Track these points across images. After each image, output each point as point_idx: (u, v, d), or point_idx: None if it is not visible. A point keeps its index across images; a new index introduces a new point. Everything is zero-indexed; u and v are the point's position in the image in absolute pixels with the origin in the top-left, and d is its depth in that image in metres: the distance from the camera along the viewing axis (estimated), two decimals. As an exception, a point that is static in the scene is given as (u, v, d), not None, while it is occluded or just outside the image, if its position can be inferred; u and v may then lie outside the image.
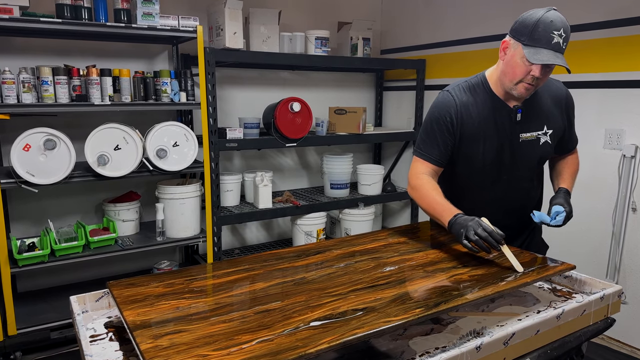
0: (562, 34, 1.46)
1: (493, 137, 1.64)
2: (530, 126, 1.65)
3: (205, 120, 2.87)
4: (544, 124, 1.66)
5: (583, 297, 1.53)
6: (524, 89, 1.55)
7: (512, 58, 1.54)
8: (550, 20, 1.46)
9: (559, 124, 1.69)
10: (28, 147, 2.43)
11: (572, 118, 1.77)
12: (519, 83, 1.54)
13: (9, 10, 2.38)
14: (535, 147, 1.67)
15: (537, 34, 1.46)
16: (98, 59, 2.96)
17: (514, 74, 1.54)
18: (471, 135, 1.65)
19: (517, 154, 1.67)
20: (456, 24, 3.50)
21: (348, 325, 1.13)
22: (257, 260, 1.60)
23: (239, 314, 1.20)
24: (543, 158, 1.75)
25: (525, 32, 1.49)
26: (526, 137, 1.65)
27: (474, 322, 1.40)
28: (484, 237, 1.46)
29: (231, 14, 2.92)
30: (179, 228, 2.93)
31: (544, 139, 1.66)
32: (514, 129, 1.64)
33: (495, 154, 1.66)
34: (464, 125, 1.65)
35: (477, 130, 1.64)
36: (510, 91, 1.58)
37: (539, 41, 1.46)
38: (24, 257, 2.46)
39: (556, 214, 1.64)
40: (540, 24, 1.47)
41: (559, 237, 2.96)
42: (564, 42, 1.48)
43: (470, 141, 1.65)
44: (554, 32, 1.46)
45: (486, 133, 1.64)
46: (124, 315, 1.18)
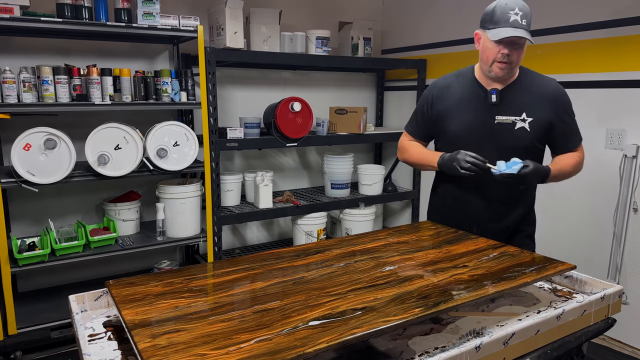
0: (517, 12, 1.66)
1: (467, 115, 1.81)
2: (507, 110, 1.78)
3: (206, 120, 2.87)
4: (523, 111, 1.77)
5: (583, 297, 1.53)
6: (499, 68, 1.73)
7: (483, 44, 1.75)
8: (505, 4, 1.68)
9: (542, 116, 1.77)
10: (28, 146, 2.43)
11: (566, 117, 1.81)
12: (492, 64, 1.73)
13: (9, 10, 2.38)
14: (510, 131, 1.77)
15: (495, 17, 1.68)
16: (98, 58, 2.96)
17: (487, 56, 1.74)
18: (446, 111, 1.86)
19: (493, 136, 1.78)
20: (457, 24, 3.50)
21: (347, 325, 1.13)
22: (257, 259, 1.60)
23: (237, 314, 1.19)
24: (524, 147, 1.77)
25: (487, 19, 1.72)
26: (502, 120, 1.78)
27: (473, 322, 1.40)
28: (472, 162, 1.68)
29: (232, 14, 2.92)
30: (179, 228, 2.93)
31: (520, 124, 1.76)
32: (489, 110, 1.79)
33: (470, 130, 1.80)
34: (440, 102, 1.87)
35: (452, 107, 1.84)
36: (489, 74, 1.77)
37: (498, 22, 1.67)
38: (24, 256, 2.47)
39: (513, 163, 1.67)
40: (497, 8, 1.69)
41: (559, 236, 2.96)
42: (522, 19, 1.66)
43: (445, 117, 1.86)
44: (509, 12, 1.66)
45: (460, 111, 1.83)
46: (122, 314, 1.17)
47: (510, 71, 1.76)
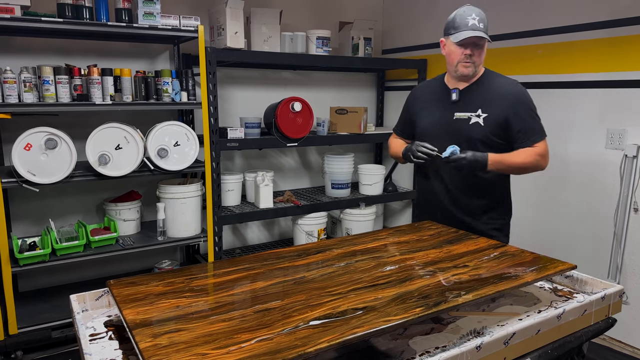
0: (475, 17, 1.87)
1: (433, 112, 2.06)
2: (465, 107, 1.97)
3: (207, 119, 2.87)
4: (479, 107, 1.95)
5: (584, 297, 1.53)
6: (464, 67, 1.93)
7: (448, 49, 1.97)
8: (463, 11, 1.90)
9: (497, 112, 1.92)
10: (29, 146, 2.43)
11: (523, 114, 1.92)
12: (458, 65, 1.94)
13: (10, 10, 2.38)
14: (465, 126, 1.95)
15: (456, 23, 1.90)
16: (99, 58, 2.97)
17: (452, 59, 1.96)
18: (418, 111, 2.13)
19: (452, 130, 1.97)
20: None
21: (348, 325, 1.13)
22: (258, 259, 1.60)
23: (238, 313, 1.20)
24: (479, 140, 1.93)
25: (449, 26, 1.94)
26: (459, 116, 1.98)
27: (474, 321, 1.40)
28: (423, 150, 1.92)
29: (232, 14, 2.92)
30: (180, 228, 2.93)
31: (474, 120, 1.94)
32: (450, 108, 2.00)
33: (433, 126, 2.04)
34: (416, 104, 2.17)
35: (423, 107, 2.11)
36: (455, 74, 1.98)
37: (459, 27, 1.88)
38: (25, 256, 2.47)
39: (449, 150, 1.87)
40: (457, 16, 1.91)
41: (560, 236, 2.96)
42: (479, 23, 1.87)
43: (417, 114, 2.13)
44: (468, 17, 1.87)
45: (429, 110, 2.08)
46: (123, 313, 1.18)
47: (474, 69, 1.95)
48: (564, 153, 2.92)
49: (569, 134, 2.88)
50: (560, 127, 2.92)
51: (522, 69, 3.08)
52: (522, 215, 3.18)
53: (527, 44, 3.04)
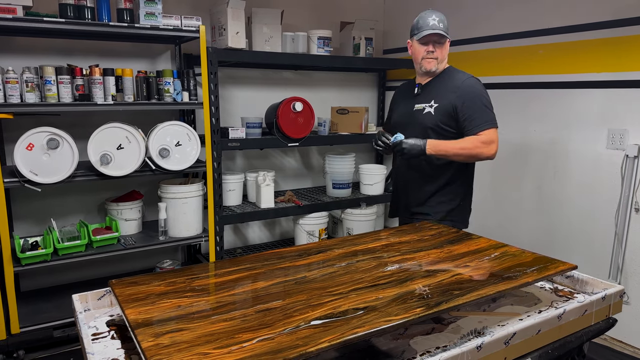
0: (435, 18, 2.10)
1: (402, 106, 2.31)
2: (423, 100, 2.19)
3: (208, 119, 2.88)
4: (432, 99, 2.16)
5: (585, 297, 1.53)
6: (427, 62, 2.14)
7: (413, 48, 2.20)
8: (425, 13, 2.14)
9: (446, 102, 2.11)
10: (31, 146, 2.43)
11: (470, 104, 2.07)
12: (422, 61, 2.15)
13: (12, 10, 2.39)
14: (420, 115, 2.17)
15: (419, 24, 2.14)
16: (101, 58, 2.97)
17: (416, 56, 2.18)
18: (395, 105, 2.41)
19: (412, 120, 2.19)
20: (459, 24, 3.50)
21: (349, 324, 1.14)
22: (259, 259, 1.60)
23: (240, 313, 1.20)
24: (430, 127, 2.12)
25: (413, 28, 2.17)
26: (417, 107, 2.20)
27: (475, 321, 1.40)
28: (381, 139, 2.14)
29: (234, 14, 2.92)
30: (181, 227, 2.94)
31: (427, 109, 2.15)
32: (413, 100, 2.23)
33: (400, 117, 2.30)
34: (394, 100, 2.45)
35: (397, 101, 2.40)
36: (421, 70, 2.19)
37: (421, 27, 2.12)
38: (27, 255, 2.48)
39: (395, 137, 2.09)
40: (420, 18, 2.15)
41: (561, 236, 2.96)
42: (439, 23, 2.09)
43: (393, 109, 2.42)
44: (429, 18, 2.11)
45: (400, 103, 2.35)
46: (125, 313, 1.18)
47: (437, 65, 2.15)
48: (565, 153, 2.92)
49: (570, 133, 2.88)
50: (561, 127, 2.92)
51: (523, 69, 3.09)
52: (522, 215, 3.19)
53: (528, 44, 3.04)
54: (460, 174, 2.21)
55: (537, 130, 3.05)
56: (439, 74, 2.19)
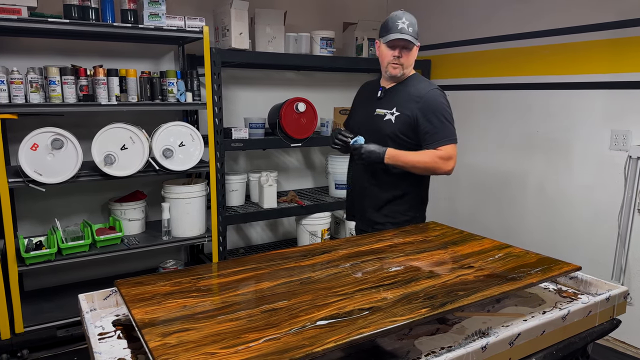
0: (404, 22, 2.00)
1: (363, 108, 2.22)
2: (385, 106, 2.11)
3: (211, 120, 2.89)
4: (394, 106, 2.08)
5: (589, 298, 1.54)
6: (392, 68, 2.05)
7: (380, 50, 2.09)
8: (395, 15, 2.03)
9: (408, 112, 2.04)
10: (36, 146, 2.44)
11: (432, 117, 2.00)
12: (388, 65, 2.05)
13: (17, 11, 2.40)
14: (380, 122, 2.09)
15: (387, 27, 2.03)
16: (105, 59, 2.98)
17: (383, 60, 2.08)
18: (355, 105, 2.33)
19: (371, 125, 2.12)
20: (461, 25, 3.50)
21: (354, 325, 1.14)
22: (263, 259, 1.61)
23: (245, 313, 1.21)
24: (388, 135, 2.05)
25: (382, 29, 2.07)
26: (378, 112, 2.12)
27: (479, 322, 1.41)
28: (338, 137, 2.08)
29: (237, 15, 2.93)
30: (184, 227, 2.94)
31: (388, 116, 2.07)
32: (375, 104, 2.15)
33: (359, 120, 2.21)
34: (355, 99, 2.36)
35: (358, 102, 2.32)
36: (386, 74, 2.10)
37: (390, 30, 2.01)
38: (31, 255, 2.48)
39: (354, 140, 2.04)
40: (389, 19, 2.04)
41: (564, 237, 2.96)
42: (408, 27, 2.00)
43: (354, 109, 2.34)
44: (398, 21, 2.00)
45: (361, 105, 2.27)
46: (132, 313, 1.19)
47: (402, 71, 2.06)
48: (568, 154, 2.92)
49: (573, 134, 2.88)
50: (564, 128, 2.92)
51: (527, 70, 3.09)
52: (526, 217, 3.19)
53: (532, 45, 3.04)
54: (416, 185, 2.13)
55: (540, 131, 3.05)
56: (404, 81, 2.10)
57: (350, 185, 2.32)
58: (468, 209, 3.59)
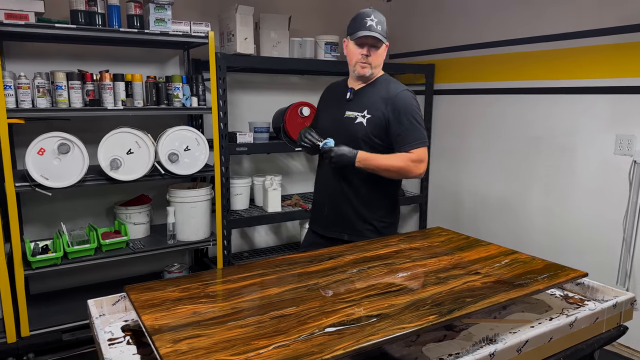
0: (373, 19, 1.94)
1: (331, 110, 2.14)
2: (355, 108, 2.04)
3: (216, 124, 2.90)
4: (365, 108, 2.02)
5: (595, 304, 1.54)
6: (361, 67, 2.00)
7: (348, 49, 2.04)
8: (363, 12, 1.97)
9: (379, 114, 1.99)
10: (42, 151, 2.46)
11: (404, 120, 1.97)
12: (356, 64, 2.00)
13: (24, 16, 2.42)
14: (352, 124, 2.03)
15: (355, 24, 1.97)
16: (111, 63, 3.00)
17: (351, 58, 2.03)
18: (322, 107, 2.24)
19: (342, 128, 2.05)
20: (465, 29, 3.51)
21: (363, 332, 1.15)
22: (270, 265, 1.61)
23: (254, 319, 1.21)
24: (361, 138, 1.99)
25: (350, 27, 2.00)
26: (349, 115, 2.05)
27: (486, 328, 1.41)
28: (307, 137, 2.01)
29: (242, 20, 2.94)
30: (189, 231, 2.95)
31: (359, 119, 2.01)
32: (344, 106, 2.08)
33: (328, 122, 2.12)
34: (322, 102, 2.26)
35: (325, 104, 2.23)
36: (354, 73, 2.04)
37: (357, 27, 1.95)
38: (37, 259, 2.49)
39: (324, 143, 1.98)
40: (356, 17, 1.98)
41: (568, 243, 2.96)
42: (377, 25, 1.94)
43: (320, 111, 2.24)
44: (366, 18, 1.94)
45: (328, 106, 2.18)
46: (142, 319, 1.19)
47: (371, 71, 2.01)
48: (572, 159, 2.92)
49: (578, 139, 2.88)
50: (568, 133, 2.93)
51: (531, 74, 3.09)
52: (529, 222, 3.19)
53: (536, 49, 3.05)
54: (389, 189, 2.09)
55: (545, 136, 3.05)
56: (373, 82, 2.05)
57: (319, 191, 2.20)
58: (471, 214, 3.59)
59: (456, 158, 3.68)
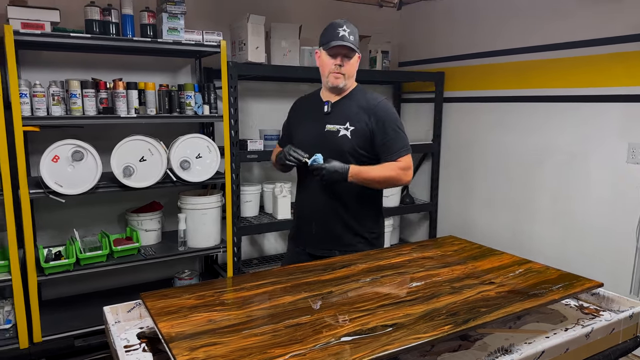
0: (345, 29, 1.91)
1: (308, 125, 2.07)
2: (335, 121, 2.00)
3: (227, 132, 2.92)
4: (347, 121, 1.98)
5: (611, 315, 1.52)
6: (334, 78, 1.96)
7: (320, 60, 2.00)
8: (335, 23, 1.95)
9: (362, 125, 1.97)
10: (57, 158, 2.49)
11: (388, 129, 1.96)
12: (329, 75, 1.97)
13: (41, 26, 2.46)
14: (335, 138, 1.98)
15: (327, 35, 1.95)
16: (124, 72, 3.03)
17: (324, 69, 1.99)
18: (296, 123, 2.15)
19: (324, 142, 1.99)
20: (475, 37, 3.52)
21: (378, 341, 1.15)
22: (283, 273, 1.62)
23: (270, 328, 1.22)
24: (347, 152, 1.95)
25: (322, 38, 1.98)
26: (330, 128, 2.00)
27: (501, 338, 1.40)
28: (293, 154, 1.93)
29: (254, 29, 2.97)
30: (200, 238, 2.97)
31: (343, 132, 1.97)
32: (322, 120, 2.02)
33: (308, 137, 2.04)
34: (293, 117, 2.19)
35: (299, 120, 2.15)
36: (327, 85, 2.01)
37: (329, 38, 1.93)
38: (50, 265, 2.52)
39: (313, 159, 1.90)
40: (328, 27, 1.96)
41: (581, 251, 2.94)
42: (349, 35, 1.92)
43: (294, 128, 2.15)
44: (338, 29, 1.92)
45: (304, 122, 2.11)
46: (158, 326, 1.20)
47: (344, 81, 1.98)
48: (583, 167, 2.90)
49: (590, 147, 2.87)
50: (581, 142, 2.91)
51: (543, 82, 3.09)
52: (540, 230, 3.17)
53: (546, 58, 3.05)
54: (375, 200, 2.07)
55: (556, 144, 3.04)
56: (350, 93, 2.02)
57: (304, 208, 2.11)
58: (482, 223, 3.58)
59: (466, 165, 3.68)
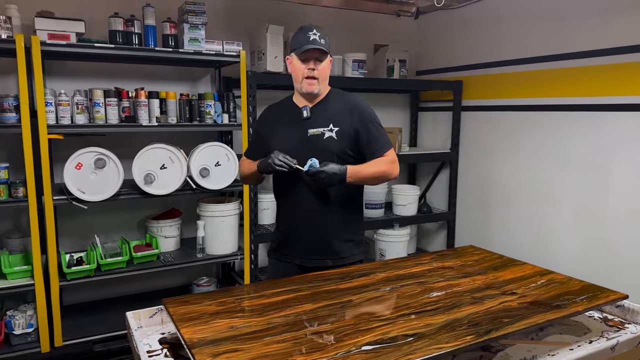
0: (315, 33, 1.89)
1: (286, 132, 2.01)
2: (318, 124, 1.97)
3: (246, 140, 2.95)
4: (329, 122, 1.96)
5: (636, 327, 1.49)
6: (307, 83, 1.92)
7: (292, 65, 1.96)
8: (304, 27, 1.93)
9: (346, 125, 1.95)
10: (80, 165, 2.54)
11: (370, 126, 1.97)
12: (302, 81, 1.92)
13: (66, 37, 2.53)
14: (321, 141, 1.95)
15: (298, 39, 1.91)
16: (146, 81, 3.09)
17: (296, 75, 1.95)
18: (270, 133, 2.07)
19: (309, 147, 1.94)
20: (493, 46, 3.50)
21: (400, 351, 1.14)
22: (303, 281, 1.63)
23: (291, 335, 1.22)
24: (335, 154, 1.93)
25: (293, 43, 1.95)
26: (313, 132, 1.96)
27: (524, 350, 1.39)
28: (283, 160, 1.87)
29: (272, 39, 3.01)
30: (218, 245, 2.99)
31: (328, 134, 1.95)
32: (302, 125, 1.98)
33: (289, 143, 1.97)
34: (265, 127, 2.11)
35: (273, 128, 2.06)
36: (300, 91, 1.97)
37: (300, 42, 1.90)
38: (72, 271, 2.56)
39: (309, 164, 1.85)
40: (298, 32, 1.94)
41: (603, 263, 2.88)
42: (320, 38, 1.89)
43: (269, 137, 2.06)
44: (309, 33, 1.89)
45: (280, 129, 2.04)
46: (181, 332, 1.22)
47: (319, 87, 1.94)
48: (607, 178, 2.86)
49: (612, 156, 2.82)
50: (603, 151, 2.87)
51: (561, 91, 3.06)
52: (562, 240, 3.12)
53: (566, 67, 3.02)
54: (358, 203, 2.06)
55: (578, 153, 3.00)
56: (327, 96, 2.00)
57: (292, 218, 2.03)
58: (500, 232, 3.54)
59: (484, 174, 3.64)
